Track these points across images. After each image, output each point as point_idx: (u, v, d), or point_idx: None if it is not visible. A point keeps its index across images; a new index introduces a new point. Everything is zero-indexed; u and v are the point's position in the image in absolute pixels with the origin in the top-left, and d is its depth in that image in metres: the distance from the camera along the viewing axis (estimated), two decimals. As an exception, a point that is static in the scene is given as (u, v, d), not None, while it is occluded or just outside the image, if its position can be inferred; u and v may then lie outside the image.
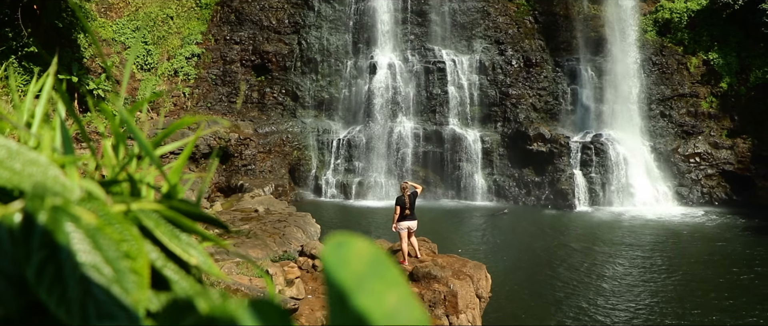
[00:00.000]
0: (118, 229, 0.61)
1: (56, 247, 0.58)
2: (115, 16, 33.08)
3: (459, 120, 33.97)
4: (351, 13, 35.23)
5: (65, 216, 0.61)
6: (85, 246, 0.60)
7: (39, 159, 0.66)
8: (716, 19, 33.19)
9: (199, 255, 0.67)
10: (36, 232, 0.59)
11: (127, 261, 0.58)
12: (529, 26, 35.17)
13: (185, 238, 0.67)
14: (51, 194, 0.59)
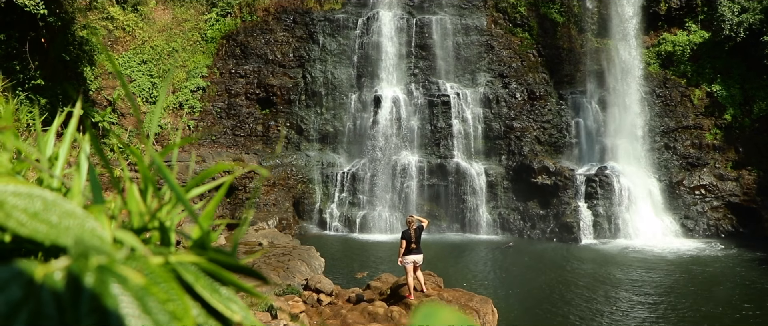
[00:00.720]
0: (164, 289, 0.58)
1: (105, 312, 0.56)
2: (121, 50, 33.33)
3: (463, 153, 33.95)
4: (355, 47, 35.42)
5: (112, 277, 0.58)
6: (134, 310, 0.59)
7: (75, 210, 0.64)
8: (718, 52, 33.34)
9: (241, 310, 0.65)
10: (84, 296, 0.57)
11: (175, 322, 0.57)
12: (532, 59, 35.32)
13: (226, 292, 0.65)
14: (95, 252, 0.57)
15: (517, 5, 35.85)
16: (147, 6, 34.22)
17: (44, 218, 0.65)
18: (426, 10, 36.14)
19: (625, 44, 34.56)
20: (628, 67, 34.29)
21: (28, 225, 0.63)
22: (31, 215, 0.64)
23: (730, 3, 32.68)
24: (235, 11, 35.96)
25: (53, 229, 0.64)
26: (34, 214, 0.65)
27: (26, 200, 0.65)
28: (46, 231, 0.63)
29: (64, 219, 0.66)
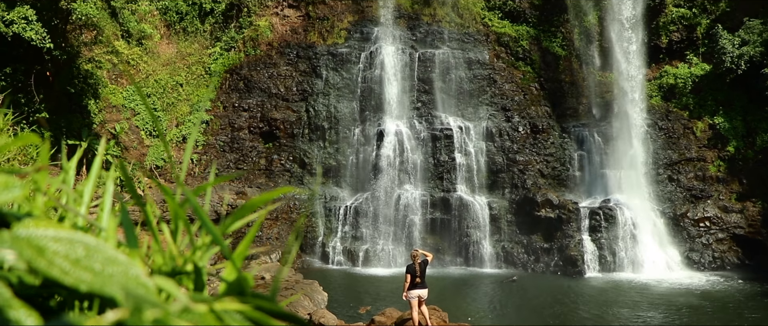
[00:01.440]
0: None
1: (163, 370, 0.55)
2: (125, 83, 33.51)
3: (466, 186, 33.89)
4: (358, 80, 35.55)
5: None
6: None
7: (118, 257, 0.62)
8: (720, 84, 33.46)
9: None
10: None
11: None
12: (535, 93, 35.44)
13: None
14: (149, 305, 0.56)
15: (519, 39, 36.07)
16: (151, 40, 34.50)
17: (87, 265, 0.62)
18: (428, 45, 36.35)
19: (626, 77, 34.67)
20: (630, 99, 34.36)
21: (71, 274, 0.60)
22: (74, 262, 0.62)
23: (730, 36, 32.85)
24: (239, 46, 36.21)
25: (98, 278, 0.61)
26: (77, 261, 0.62)
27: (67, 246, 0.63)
28: (91, 280, 0.60)
29: (108, 266, 0.63)
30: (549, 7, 36.32)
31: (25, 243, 0.60)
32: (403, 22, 36.57)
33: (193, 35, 36.65)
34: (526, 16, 36.48)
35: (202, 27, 36.94)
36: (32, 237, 0.61)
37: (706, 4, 35.72)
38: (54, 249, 0.62)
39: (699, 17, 35.57)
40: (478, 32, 36.49)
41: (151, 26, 33.18)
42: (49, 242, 0.63)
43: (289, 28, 36.54)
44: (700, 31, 35.41)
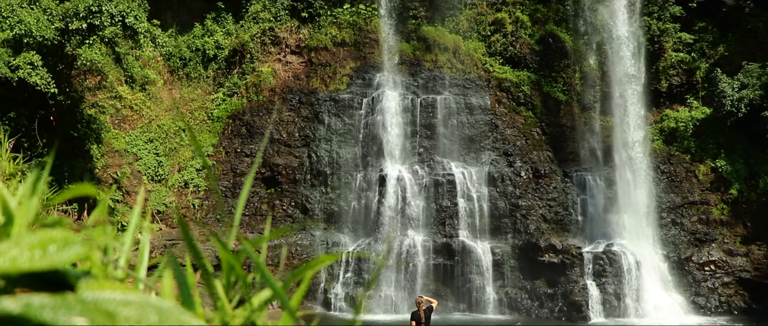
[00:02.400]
0: None
1: None
2: (128, 128, 33.65)
3: (469, 232, 33.73)
4: (360, 126, 35.63)
5: None
6: None
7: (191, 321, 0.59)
8: (721, 127, 33.58)
9: None
10: None
11: None
12: (536, 138, 35.49)
13: None
14: None
15: (520, 84, 36.26)
16: (155, 86, 34.72)
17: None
18: (430, 90, 36.51)
19: (627, 121, 34.77)
20: (632, 143, 34.41)
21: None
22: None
23: (729, 79, 33.08)
24: (242, 91, 36.40)
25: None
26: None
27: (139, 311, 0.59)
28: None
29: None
30: (549, 53, 36.58)
31: (93, 308, 0.57)
32: (404, 68, 36.80)
33: (196, 81, 36.89)
34: (527, 62, 36.72)
35: (205, 73, 37.21)
36: (100, 301, 0.58)
37: (705, 49, 36.05)
38: (125, 314, 0.59)
39: (698, 61, 35.86)
40: (479, 78, 36.69)
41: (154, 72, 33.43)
42: (120, 307, 0.60)
43: (291, 74, 36.78)
44: (700, 75, 35.67)
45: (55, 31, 27.46)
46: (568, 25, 36.78)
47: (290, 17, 36.87)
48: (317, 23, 36.74)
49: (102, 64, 28.50)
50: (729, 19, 35.49)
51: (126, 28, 30.42)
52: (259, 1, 37.23)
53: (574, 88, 36.19)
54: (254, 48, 36.70)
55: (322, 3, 36.64)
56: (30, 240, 0.62)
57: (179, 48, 36.68)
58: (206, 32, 37.60)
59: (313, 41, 36.60)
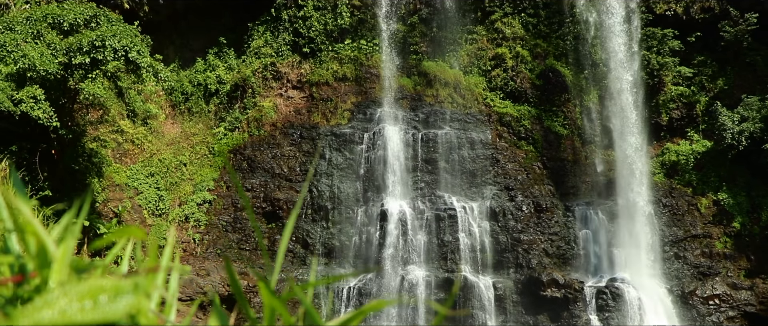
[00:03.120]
0: None
1: None
2: (129, 162, 33.71)
3: (471, 267, 33.56)
4: (361, 161, 35.67)
5: None
6: None
7: None
8: (722, 160, 33.62)
9: None
10: None
11: None
12: (538, 172, 35.50)
13: None
14: None
15: (521, 119, 36.37)
16: (157, 120, 34.86)
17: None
18: (431, 125, 36.60)
19: (628, 155, 34.82)
20: (633, 177, 34.42)
21: None
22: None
23: (729, 112, 33.21)
24: (243, 126, 36.52)
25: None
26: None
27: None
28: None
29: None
30: (550, 88, 36.77)
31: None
32: (405, 102, 36.96)
33: (198, 115, 37.05)
34: (528, 96, 36.87)
35: (206, 107, 37.38)
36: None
37: (705, 82, 36.26)
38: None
39: (698, 95, 36.05)
40: (480, 112, 36.81)
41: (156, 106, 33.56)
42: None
43: (293, 109, 36.93)
44: (700, 109, 35.82)
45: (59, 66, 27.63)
46: (568, 59, 37.03)
47: (292, 52, 37.15)
48: (319, 58, 37.01)
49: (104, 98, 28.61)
50: (727, 53, 35.76)
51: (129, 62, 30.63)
52: (261, 37, 37.56)
53: (575, 122, 36.30)
54: (256, 83, 36.92)
55: (323, 38, 36.94)
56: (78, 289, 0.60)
57: (181, 82, 36.91)
58: (208, 67, 37.88)
59: (315, 76, 36.82)
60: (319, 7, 36.81)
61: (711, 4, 36.21)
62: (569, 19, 36.73)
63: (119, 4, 34.77)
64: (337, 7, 36.89)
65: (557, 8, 36.99)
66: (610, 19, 36.08)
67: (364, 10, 37.41)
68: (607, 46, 36.08)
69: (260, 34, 37.62)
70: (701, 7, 36.33)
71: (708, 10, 36.27)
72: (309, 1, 36.69)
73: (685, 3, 36.52)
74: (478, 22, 37.89)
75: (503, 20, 37.37)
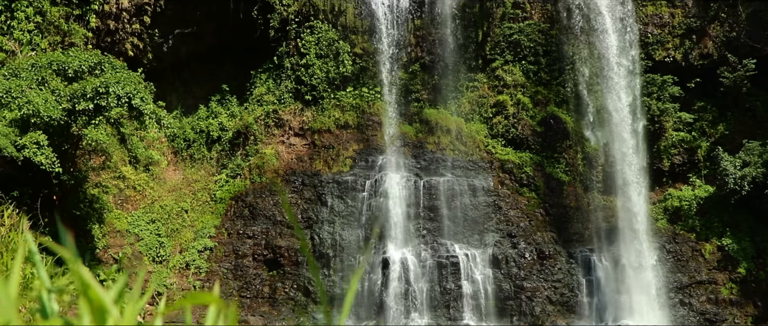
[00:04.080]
0: None
1: None
2: (130, 208, 33.68)
3: (474, 315, 33.25)
4: (363, 208, 35.62)
5: None
6: None
7: None
8: (725, 206, 33.52)
9: None
10: None
11: None
12: (540, 219, 35.40)
13: None
14: None
15: (523, 166, 36.40)
16: (159, 166, 34.96)
17: None
18: (433, 172, 36.63)
19: (631, 201, 34.78)
20: (636, 223, 34.31)
21: None
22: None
23: (731, 157, 33.23)
24: (245, 173, 36.58)
25: None
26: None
27: None
28: None
29: None
30: (551, 134, 36.87)
31: None
32: (407, 150, 37.07)
33: (200, 162, 37.15)
34: (529, 143, 36.96)
35: (208, 154, 37.51)
36: None
37: (705, 128, 36.38)
38: None
39: (699, 140, 36.13)
40: (482, 159, 36.87)
41: (158, 152, 33.72)
42: None
43: (294, 156, 37.03)
44: (701, 154, 35.86)
45: (63, 112, 27.82)
46: (569, 106, 37.21)
47: (294, 100, 37.42)
48: (321, 106, 37.24)
49: (107, 145, 28.78)
50: (727, 98, 35.98)
51: (132, 109, 30.87)
52: (264, 84, 37.89)
53: (577, 169, 36.30)
54: (258, 130, 37.10)
55: (325, 86, 37.24)
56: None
57: (184, 129, 37.12)
58: (211, 114, 38.12)
59: (317, 124, 37.00)
60: (321, 55, 37.19)
61: (709, 51, 36.57)
62: (569, 66, 37.05)
63: (123, 52, 35.22)
64: (339, 56, 37.27)
65: (557, 56, 37.34)
66: (610, 66, 36.41)
67: (366, 58, 37.81)
68: (607, 92, 36.33)
69: (263, 81, 37.97)
70: (700, 53, 36.69)
71: (706, 56, 36.62)
72: (311, 50, 37.08)
73: (684, 50, 36.89)
74: (479, 69, 38.22)
75: (504, 68, 37.66)
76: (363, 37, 38.02)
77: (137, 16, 35.79)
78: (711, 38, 36.45)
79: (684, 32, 36.93)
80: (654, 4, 37.49)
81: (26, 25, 30.02)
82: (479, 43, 38.29)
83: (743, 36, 35.29)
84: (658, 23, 37.42)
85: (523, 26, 37.46)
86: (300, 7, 37.73)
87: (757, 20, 35.46)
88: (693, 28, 36.70)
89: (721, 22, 36.39)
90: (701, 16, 36.60)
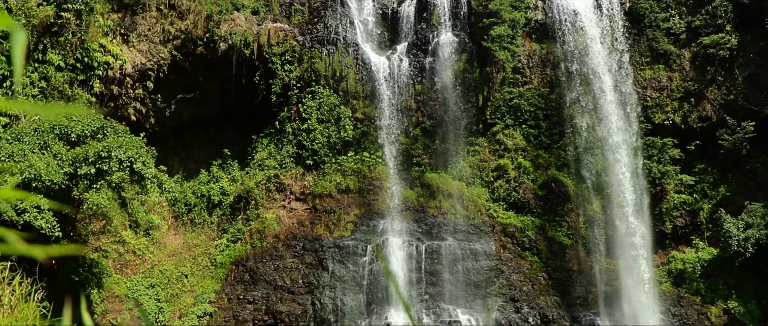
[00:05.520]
0: None
1: None
2: (130, 273, 33.47)
3: (478, 381, 32.76)
4: (365, 273, 35.39)
5: None
6: None
7: None
8: (730, 268, 33.25)
9: None
10: None
11: None
12: (543, 283, 35.11)
13: None
14: None
15: (525, 229, 36.27)
16: (159, 231, 34.87)
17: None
18: (434, 237, 36.50)
19: (634, 264, 34.55)
20: (640, 286, 34.01)
21: None
22: None
23: (733, 219, 33.09)
24: (246, 237, 36.45)
25: None
26: None
27: None
28: None
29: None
30: (553, 198, 36.83)
31: None
32: (409, 214, 37.01)
33: (201, 227, 37.06)
34: (531, 207, 36.90)
35: (209, 219, 37.44)
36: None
37: (707, 190, 36.35)
38: None
39: (700, 202, 36.07)
40: (483, 223, 36.76)
41: (159, 217, 33.73)
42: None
43: (296, 220, 36.96)
44: (703, 216, 35.76)
45: (64, 176, 27.95)
46: (570, 169, 37.26)
47: (295, 164, 37.54)
48: (322, 170, 37.34)
49: (107, 209, 28.77)
50: (727, 160, 36.05)
51: (133, 173, 31.01)
52: (265, 149, 38.08)
53: (579, 232, 36.15)
54: (259, 194, 37.12)
55: (326, 151, 37.40)
56: None
57: (185, 194, 37.15)
58: (212, 178, 38.21)
59: (318, 188, 37.04)
60: (322, 120, 37.47)
61: (708, 114, 36.82)
62: (570, 130, 37.24)
63: (126, 116, 35.56)
64: (340, 120, 37.54)
65: (557, 119, 37.58)
66: (610, 129, 36.62)
67: (368, 123, 38.08)
68: (607, 155, 36.44)
69: (264, 146, 38.17)
70: (699, 116, 36.93)
71: (705, 119, 36.86)
72: (313, 114, 37.38)
73: (683, 112, 37.15)
74: (480, 133, 38.42)
75: (505, 132, 37.86)
76: (364, 101, 38.38)
77: (140, 81, 36.27)
78: (709, 101, 36.75)
79: (682, 95, 37.27)
80: (652, 68, 37.94)
81: (31, 90, 30.41)
82: (480, 107, 38.59)
83: (741, 99, 35.59)
84: (656, 87, 37.79)
85: (523, 91, 37.80)
86: (302, 72, 38.21)
87: (753, 83, 35.81)
88: (691, 91, 37.05)
89: (719, 85, 36.75)
90: (699, 79, 36.99)
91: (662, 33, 37.79)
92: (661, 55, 37.74)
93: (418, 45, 39.46)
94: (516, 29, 38.18)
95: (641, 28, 38.26)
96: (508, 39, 37.74)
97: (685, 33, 37.61)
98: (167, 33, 36.78)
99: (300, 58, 38.32)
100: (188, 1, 37.25)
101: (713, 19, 36.97)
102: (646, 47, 38.07)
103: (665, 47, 37.61)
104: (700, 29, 37.16)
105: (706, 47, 36.63)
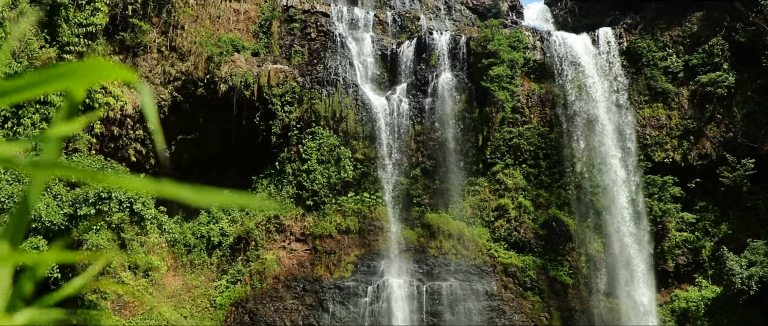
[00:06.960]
0: None
1: None
2: (128, 315, 33.09)
3: None
4: (365, 314, 35.12)
5: None
6: None
7: None
8: (734, 306, 32.98)
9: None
10: None
11: None
12: (545, 323, 34.85)
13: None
14: None
15: (526, 269, 36.09)
16: (158, 272, 34.61)
17: None
18: (436, 277, 36.30)
19: (636, 303, 34.34)
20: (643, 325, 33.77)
21: None
22: None
23: (736, 257, 32.93)
24: (246, 278, 36.20)
25: None
26: None
27: None
28: None
29: None
30: (554, 237, 36.73)
31: None
32: (409, 255, 36.86)
33: (200, 268, 36.80)
34: (532, 246, 36.78)
35: (209, 260, 37.19)
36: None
37: (708, 227, 36.25)
38: None
39: (702, 240, 35.95)
40: (484, 263, 36.59)
41: (158, 258, 33.54)
42: None
43: (296, 261, 36.77)
44: (706, 254, 35.60)
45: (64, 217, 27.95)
46: (571, 208, 37.21)
47: (295, 205, 37.46)
48: (322, 211, 37.25)
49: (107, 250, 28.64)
50: (728, 197, 36.01)
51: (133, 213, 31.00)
52: (265, 190, 38.03)
53: (581, 271, 35.95)
54: (259, 235, 36.97)
55: (326, 191, 37.36)
56: None
57: (184, 234, 36.94)
58: (212, 219, 38.05)
59: (318, 229, 36.92)
60: (322, 161, 37.50)
61: (708, 151, 36.89)
62: (569, 168, 37.28)
63: (126, 157, 35.62)
64: (340, 161, 37.58)
65: (557, 158, 37.65)
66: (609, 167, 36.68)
67: (368, 163, 38.11)
68: (608, 194, 36.43)
69: (264, 186, 38.14)
70: (698, 154, 37.01)
71: (705, 156, 36.92)
72: (313, 155, 37.43)
73: (683, 150, 37.23)
74: (480, 173, 38.46)
75: (505, 171, 37.89)
76: (364, 142, 38.46)
77: (141, 122, 36.40)
78: (708, 139, 36.85)
79: (681, 133, 37.39)
80: (650, 107, 38.13)
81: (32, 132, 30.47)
82: (479, 147, 38.68)
83: (740, 136, 35.67)
84: (655, 125, 37.93)
85: (523, 130, 37.94)
86: (302, 113, 38.36)
87: (752, 120, 35.93)
88: (690, 129, 37.18)
89: (718, 122, 36.90)
90: (697, 117, 37.15)
91: (660, 71, 38.09)
92: (660, 94, 37.97)
93: (418, 85, 39.71)
94: (515, 69, 38.47)
95: (639, 66, 38.58)
96: (507, 79, 38.00)
97: (682, 71, 37.89)
98: (168, 74, 37.06)
99: (300, 99, 38.50)
100: (189, 43, 37.58)
101: (710, 58, 37.27)
102: (645, 86, 38.34)
103: (663, 86, 37.87)
104: (698, 68, 37.45)
105: (704, 85, 36.87)
